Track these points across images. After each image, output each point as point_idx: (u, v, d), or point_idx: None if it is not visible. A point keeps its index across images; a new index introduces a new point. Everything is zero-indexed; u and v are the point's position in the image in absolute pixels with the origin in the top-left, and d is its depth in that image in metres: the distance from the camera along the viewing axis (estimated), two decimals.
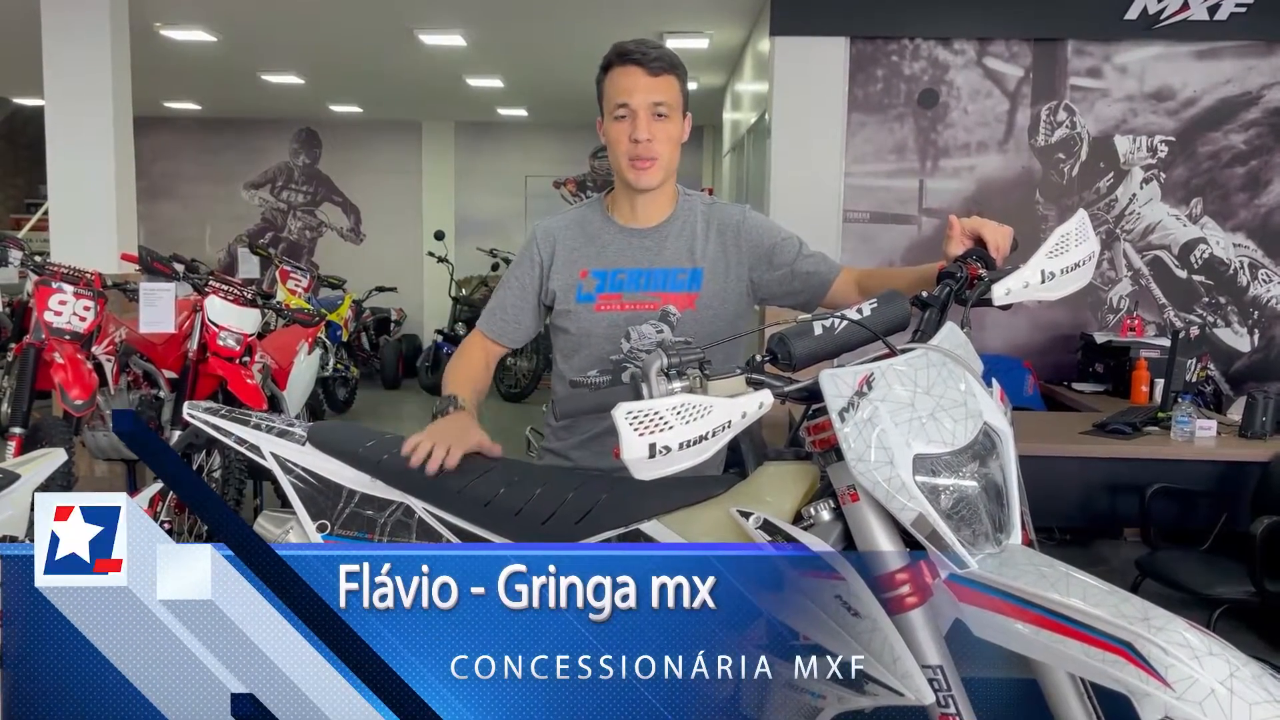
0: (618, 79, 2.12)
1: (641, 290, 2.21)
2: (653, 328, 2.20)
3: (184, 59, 8.44)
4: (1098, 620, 1.39)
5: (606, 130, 2.17)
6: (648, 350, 2.18)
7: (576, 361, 2.25)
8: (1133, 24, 5.56)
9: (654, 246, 2.23)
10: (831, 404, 1.56)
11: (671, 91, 2.13)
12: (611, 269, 2.21)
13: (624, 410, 1.44)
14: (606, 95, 2.15)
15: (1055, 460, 3.91)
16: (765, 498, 1.73)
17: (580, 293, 2.22)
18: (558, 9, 6.69)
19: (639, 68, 2.10)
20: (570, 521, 1.83)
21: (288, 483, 2.00)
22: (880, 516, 1.57)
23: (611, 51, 2.15)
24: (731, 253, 2.24)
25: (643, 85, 2.10)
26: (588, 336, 2.22)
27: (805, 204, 5.74)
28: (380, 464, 1.96)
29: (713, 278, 2.22)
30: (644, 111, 2.11)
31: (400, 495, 1.95)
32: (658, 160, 2.14)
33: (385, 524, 1.94)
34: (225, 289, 4.49)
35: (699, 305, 2.21)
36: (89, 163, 5.53)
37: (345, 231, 12.78)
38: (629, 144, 2.12)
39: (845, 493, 1.59)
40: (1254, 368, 5.76)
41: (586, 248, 2.24)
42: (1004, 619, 1.49)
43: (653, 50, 2.11)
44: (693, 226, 2.25)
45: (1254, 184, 5.71)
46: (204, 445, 4.25)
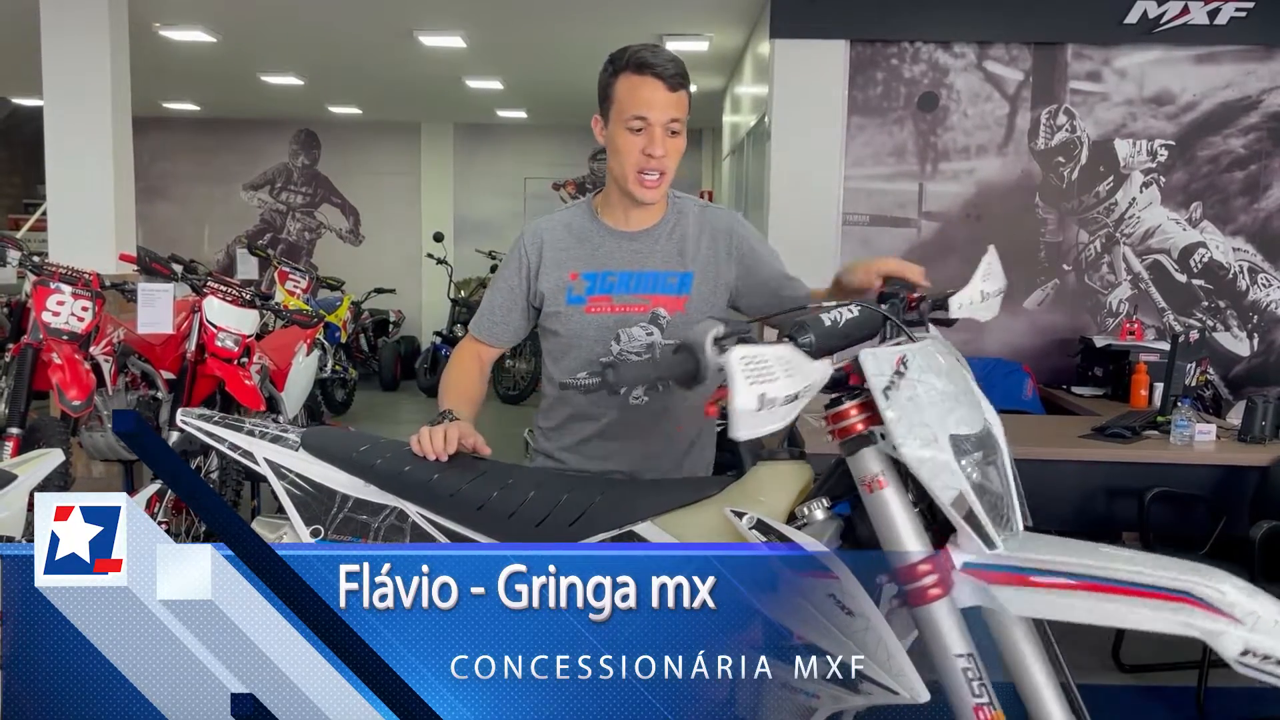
0: (637, 89, 2.08)
1: (632, 293, 2.19)
2: (643, 330, 2.19)
3: (183, 59, 8.44)
4: (1150, 577, 1.45)
5: (614, 137, 2.13)
6: (637, 353, 2.18)
7: (566, 363, 2.24)
8: (1132, 28, 5.57)
9: (644, 249, 2.22)
10: (874, 382, 1.57)
11: (684, 107, 2.12)
12: (602, 271, 2.20)
13: (740, 354, 1.43)
14: (620, 102, 2.10)
15: (1054, 464, 3.90)
16: (759, 498, 1.74)
17: (570, 294, 2.20)
18: (557, 11, 6.69)
19: (660, 81, 2.07)
20: (564, 524, 1.83)
21: (282, 488, 2.00)
22: (905, 506, 1.59)
23: (628, 57, 2.10)
24: (722, 257, 2.24)
25: (661, 101, 2.07)
26: (577, 338, 2.21)
27: (804, 207, 5.74)
28: (374, 469, 1.96)
29: (702, 281, 2.22)
30: (660, 127, 2.08)
31: (394, 500, 1.95)
32: (665, 175, 2.13)
33: (379, 529, 1.94)
34: (223, 290, 4.48)
35: (688, 308, 2.20)
36: (87, 163, 5.52)
37: (344, 233, 12.77)
38: (641, 157, 2.09)
39: (872, 480, 1.60)
40: (1253, 372, 5.76)
41: (576, 249, 2.22)
42: (1052, 593, 1.51)
43: (670, 64, 2.08)
44: (684, 229, 2.24)
45: (1253, 188, 5.71)
46: (200, 449, 4.25)
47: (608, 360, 2.11)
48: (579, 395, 2.20)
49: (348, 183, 12.71)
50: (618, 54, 2.13)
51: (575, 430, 2.25)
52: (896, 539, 1.60)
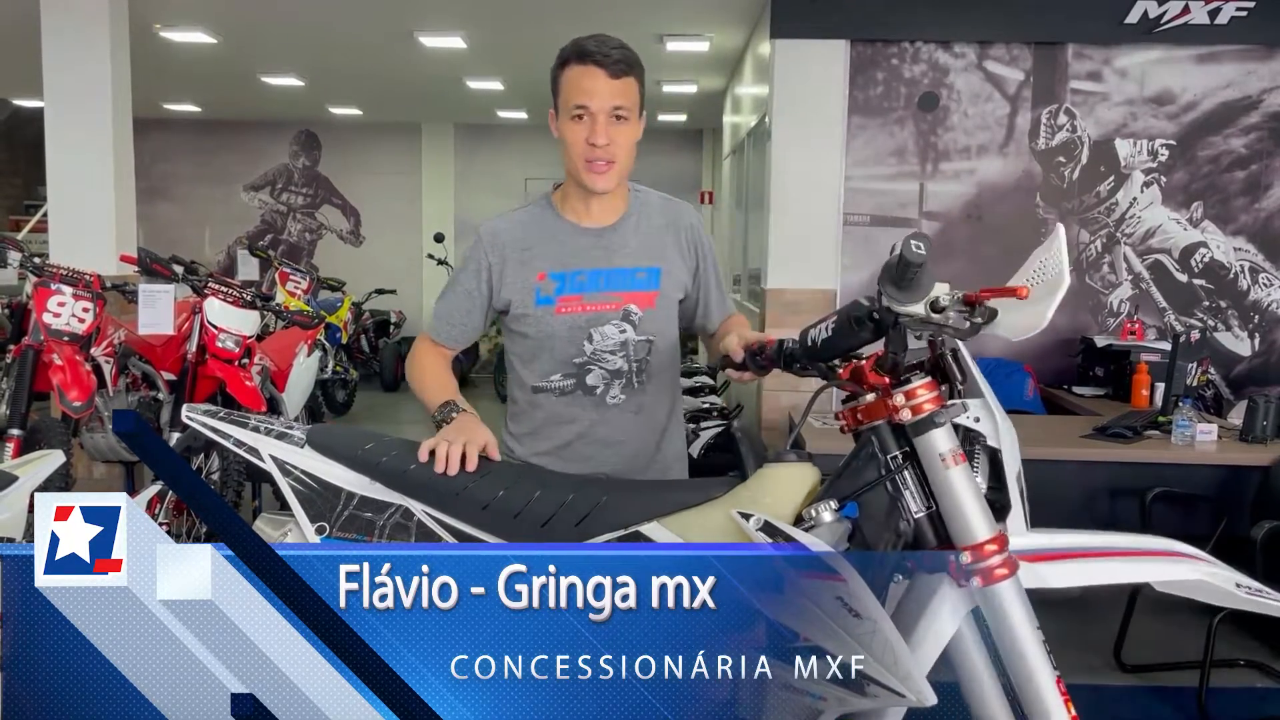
0: (578, 78, 2.07)
1: (602, 291, 2.16)
2: (615, 328, 2.17)
3: (183, 60, 8.44)
4: (1144, 544, 1.70)
5: (561, 129, 2.12)
6: (610, 351, 2.16)
7: (538, 366, 2.20)
8: (1133, 28, 5.56)
9: (612, 245, 2.18)
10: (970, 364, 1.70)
11: (631, 94, 2.08)
12: (570, 270, 2.16)
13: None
14: (564, 93, 2.10)
15: (1055, 464, 3.90)
16: (765, 499, 1.73)
17: (539, 296, 2.15)
18: (558, 11, 6.69)
19: (600, 69, 2.05)
20: (570, 524, 1.82)
21: (286, 485, 1.99)
22: (975, 483, 1.64)
23: (570, 48, 2.10)
24: (685, 250, 2.24)
25: (603, 88, 2.05)
26: (549, 339, 2.17)
27: (805, 207, 5.74)
28: (379, 466, 1.96)
29: (670, 274, 2.21)
30: (603, 115, 2.06)
31: (399, 498, 1.94)
32: (615, 164, 2.09)
33: (384, 526, 1.93)
34: (224, 291, 4.48)
35: (658, 303, 2.19)
36: (88, 164, 5.52)
37: (345, 234, 12.78)
38: (586, 146, 2.07)
39: (952, 455, 1.63)
40: (1254, 372, 5.76)
41: (541, 249, 2.17)
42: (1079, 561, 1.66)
43: (614, 51, 2.06)
44: (648, 223, 2.22)
45: (1254, 188, 5.71)
46: (202, 448, 4.25)
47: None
48: (553, 398, 2.18)
49: (348, 183, 12.72)
50: (565, 46, 2.12)
51: (552, 435, 2.21)
52: (969, 517, 1.62)
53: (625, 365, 2.18)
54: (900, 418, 1.64)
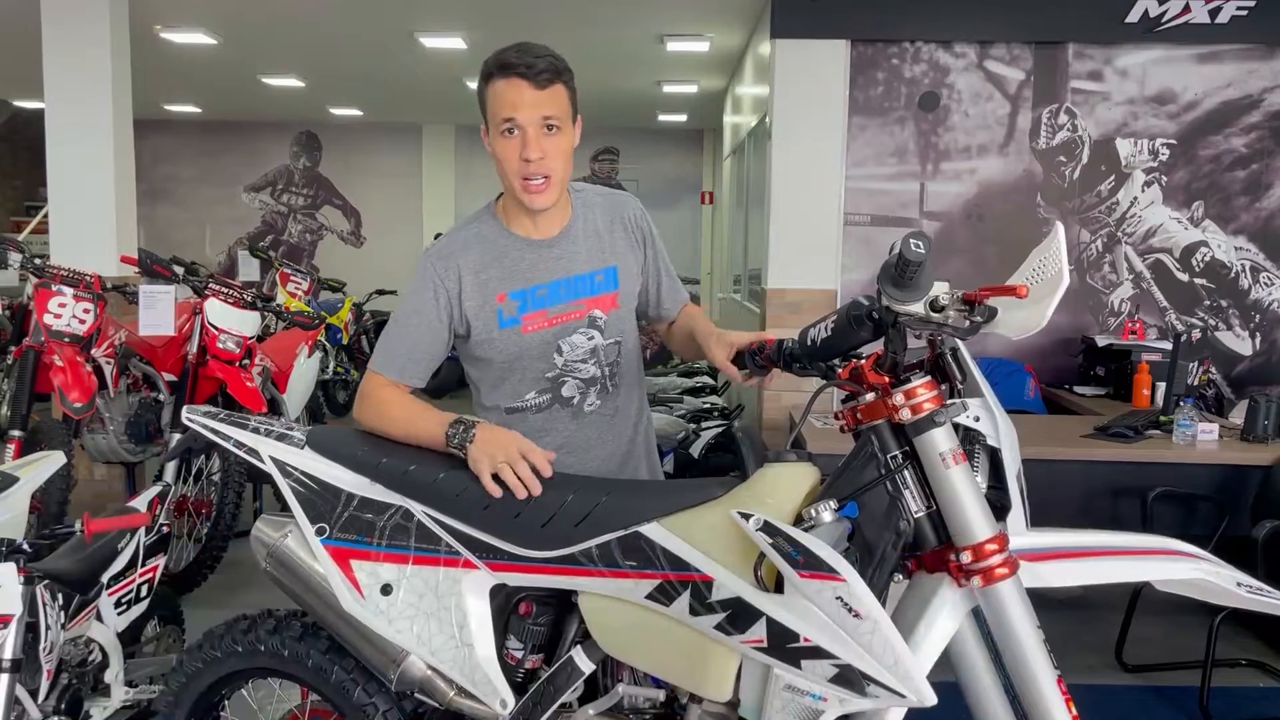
0: (503, 92, 1.98)
1: (565, 301, 2.12)
2: (583, 335, 2.14)
3: (184, 61, 8.44)
4: (1144, 543, 1.69)
5: (493, 145, 2.04)
6: (582, 360, 2.14)
7: (508, 388, 2.14)
8: (1133, 27, 5.56)
9: (565, 254, 2.13)
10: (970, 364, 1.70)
11: (560, 102, 2.01)
12: (530, 286, 2.10)
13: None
14: (490, 108, 2.02)
15: (1056, 464, 3.90)
16: (766, 499, 1.73)
17: (502, 318, 2.09)
18: (558, 12, 6.69)
19: (524, 81, 1.96)
20: (570, 524, 1.82)
21: (286, 486, 1.99)
22: (975, 483, 1.64)
23: (492, 60, 2.01)
24: (635, 241, 2.23)
25: (529, 100, 1.97)
26: (518, 360, 2.11)
27: (806, 207, 5.74)
28: (379, 467, 1.96)
29: (625, 271, 2.19)
30: (533, 128, 1.98)
31: (399, 498, 1.94)
32: (551, 178, 2.03)
33: (384, 527, 1.93)
34: (225, 292, 4.48)
35: (620, 302, 2.18)
36: (89, 165, 5.52)
37: (345, 234, 12.78)
38: (520, 163, 2.00)
39: (952, 454, 1.62)
40: (1255, 371, 5.75)
41: (494, 268, 2.10)
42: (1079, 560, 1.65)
43: (539, 60, 1.97)
44: (594, 224, 2.18)
45: (1255, 187, 5.70)
46: (203, 449, 4.24)
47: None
48: (530, 415, 2.14)
49: (349, 184, 12.72)
50: (488, 59, 2.03)
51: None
52: (969, 516, 1.62)
53: (598, 371, 2.16)
54: (900, 417, 1.64)
